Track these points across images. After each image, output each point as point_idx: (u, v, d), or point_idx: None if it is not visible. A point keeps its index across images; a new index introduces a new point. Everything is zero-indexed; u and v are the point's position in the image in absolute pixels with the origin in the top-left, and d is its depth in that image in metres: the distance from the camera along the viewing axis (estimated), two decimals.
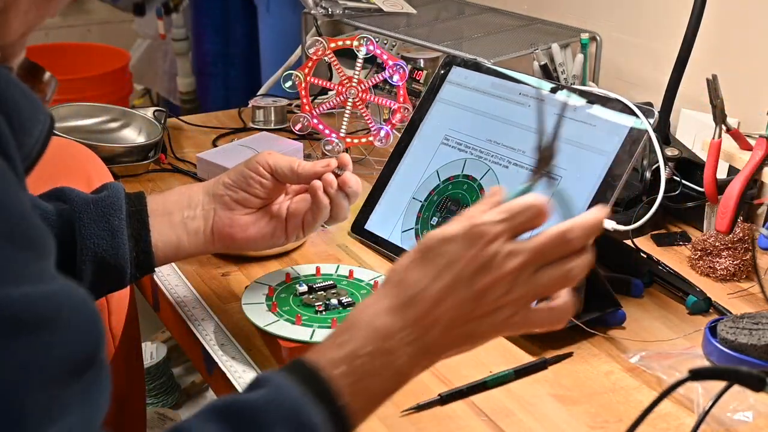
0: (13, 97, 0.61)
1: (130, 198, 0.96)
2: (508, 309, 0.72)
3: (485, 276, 0.71)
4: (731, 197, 1.16)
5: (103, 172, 1.15)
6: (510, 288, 0.71)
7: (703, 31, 1.32)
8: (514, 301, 0.72)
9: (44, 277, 0.56)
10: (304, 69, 1.52)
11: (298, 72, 1.52)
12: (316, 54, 1.50)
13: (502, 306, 0.72)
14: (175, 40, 2.81)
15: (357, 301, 1.03)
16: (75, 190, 0.95)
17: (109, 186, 0.97)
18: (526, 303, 0.73)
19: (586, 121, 1.12)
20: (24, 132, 0.62)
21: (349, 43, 1.50)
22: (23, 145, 0.62)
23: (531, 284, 0.72)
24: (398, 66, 1.48)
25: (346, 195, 1.00)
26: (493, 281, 0.71)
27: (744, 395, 0.91)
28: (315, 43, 1.51)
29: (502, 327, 0.73)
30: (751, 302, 1.15)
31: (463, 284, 0.71)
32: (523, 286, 0.71)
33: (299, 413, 0.65)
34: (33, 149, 0.63)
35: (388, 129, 1.51)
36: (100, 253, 0.91)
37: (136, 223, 0.95)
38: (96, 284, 0.93)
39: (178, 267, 1.18)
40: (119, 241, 0.92)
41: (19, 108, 0.62)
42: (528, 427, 0.90)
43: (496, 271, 0.71)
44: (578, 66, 1.60)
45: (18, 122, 0.61)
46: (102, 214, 0.92)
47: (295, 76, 1.52)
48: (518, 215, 0.72)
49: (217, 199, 0.98)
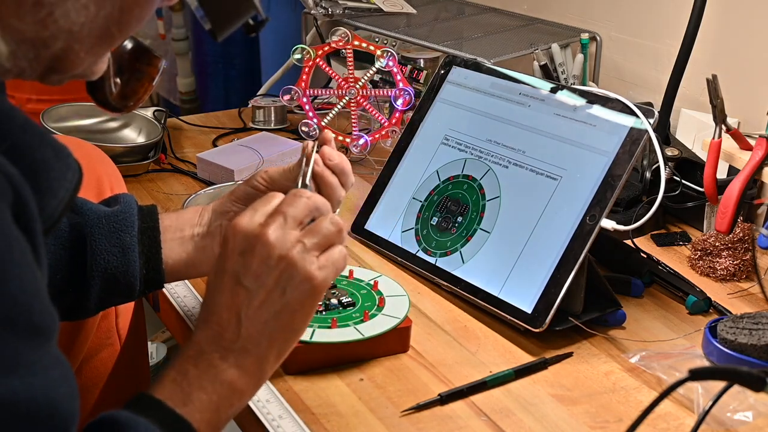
0: (43, 158, 0.63)
1: (142, 213, 0.96)
2: (288, 269, 0.75)
3: (249, 255, 0.75)
4: (731, 197, 1.17)
5: (114, 173, 1.15)
6: (274, 247, 0.75)
7: (703, 31, 1.32)
8: (288, 261, 0.75)
9: (33, 368, 0.58)
10: (318, 50, 1.53)
11: (310, 48, 1.54)
12: (336, 44, 1.52)
13: (282, 271, 0.75)
14: (175, 40, 2.81)
15: (357, 301, 1.03)
16: (87, 202, 0.95)
17: (121, 199, 0.96)
18: (300, 245, 0.76)
19: (586, 121, 1.12)
20: (50, 194, 0.64)
21: (373, 49, 1.52)
22: (46, 207, 0.63)
23: (288, 228, 0.76)
24: (406, 92, 1.50)
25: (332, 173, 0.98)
26: (256, 254, 0.75)
27: (744, 395, 0.91)
28: (341, 34, 1.52)
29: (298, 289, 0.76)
30: (751, 302, 1.16)
31: (236, 276, 0.75)
32: (284, 238, 0.75)
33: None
34: (56, 210, 0.65)
35: (368, 140, 1.53)
36: (111, 270, 0.91)
37: (148, 240, 0.95)
38: (104, 298, 0.93)
39: None
40: (130, 258, 0.92)
41: (48, 169, 0.63)
42: (528, 427, 0.90)
43: (255, 246, 0.75)
44: (578, 66, 1.60)
45: (45, 184, 0.63)
46: (114, 230, 0.92)
47: (306, 51, 1.53)
48: (256, 204, 0.78)
49: (224, 216, 0.98)
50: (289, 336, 0.77)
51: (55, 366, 0.60)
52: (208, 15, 0.73)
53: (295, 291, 0.75)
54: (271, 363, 0.77)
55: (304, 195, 0.78)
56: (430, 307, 1.11)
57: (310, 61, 1.55)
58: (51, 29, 0.63)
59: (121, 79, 0.86)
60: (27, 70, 0.65)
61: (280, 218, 0.76)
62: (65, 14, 0.63)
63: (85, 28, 0.64)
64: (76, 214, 0.93)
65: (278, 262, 0.75)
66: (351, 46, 1.53)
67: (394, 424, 0.89)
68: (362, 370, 0.97)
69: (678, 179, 1.32)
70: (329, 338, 0.96)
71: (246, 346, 0.75)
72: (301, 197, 0.78)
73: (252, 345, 0.75)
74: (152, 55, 0.88)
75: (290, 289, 0.75)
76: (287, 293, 0.75)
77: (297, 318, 0.76)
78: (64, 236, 0.91)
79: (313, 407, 0.91)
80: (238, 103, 1.89)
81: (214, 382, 0.74)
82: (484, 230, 1.14)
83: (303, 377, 0.95)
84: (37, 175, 0.61)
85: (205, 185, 1.45)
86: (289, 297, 0.75)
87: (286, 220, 0.76)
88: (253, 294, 0.75)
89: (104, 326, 1.06)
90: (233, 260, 0.76)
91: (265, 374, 0.77)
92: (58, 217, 0.65)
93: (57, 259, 0.91)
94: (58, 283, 0.90)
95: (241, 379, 0.75)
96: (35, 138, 0.62)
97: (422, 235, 1.20)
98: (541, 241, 1.08)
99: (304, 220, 0.77)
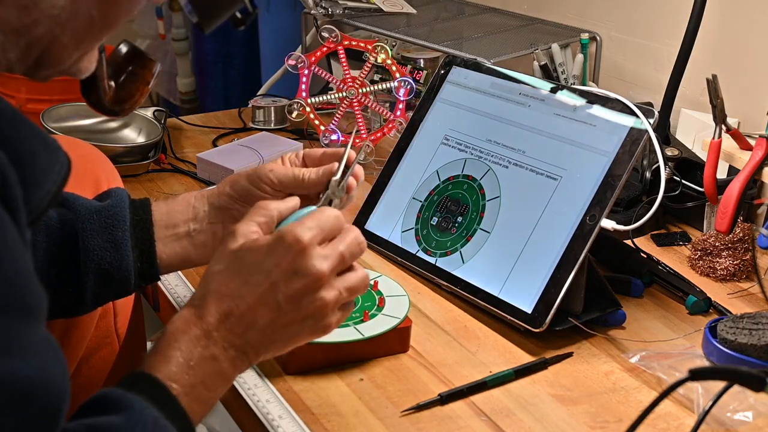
0: (30, 150, 0.63)
1: (134, 206, 0.96)
2: (321, 313, 0.78)
3: (300, 280, 0.76)
4: (731, 197, 1.16)
5: (113, 173, 1.14)
6: (323, 289, 0.77)
7: (703, 31, 1.32)
8: (326, 304, 0.77)
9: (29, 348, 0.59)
10: (310, 57, 1.54)
11: (304, 57, 1.54)
12: (328, 46, 1.52)
13: (320, 308, 0.77)
14: (175, 40, 2.81)
15: (357, 301, 1.03)
16: (78, 197, 0.95)
17: (113, 193, 0.96)
18: (338, 301, 0.78)
19: (586, 121, 1.12)
20: (36, 185, 0.64)
21: (363, 45, 1.52)
22: (32, 198, 0.63)
23: (339, 283, 0.78)
24: (406, 81, 1.50)
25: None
26: (307, 284, 0.76)
27: (744, 395, 0.91)
28: (330, 33, 1.52)
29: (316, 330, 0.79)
30: (751, 302, 1.16)
31: (279, 289, 0.76)
32: (333, 286, 0.78)
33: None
34: (42, 201, 0.65)
35: (340, 136, 1.54)
36: (104, 266, 0.91)
37: (141, 233, 0.94)
38: (100, 293, 0.93)
39: None
40: (123, 252, 0.92)
41: (35, 160, 0.63)
42: (528, 427, 0.90)
43: (310, 275, 0.76)
44: (578, 66, 1.60)
45: (32, 175, 0.63)
46: (105, 225, 0.92)
47: (300, 59, 1.54)
48: (325, 223, 0.79)
49: (225, 212, 0.97)
50: (275, 351, 0.80)
51: (47, 346, 0.61)
52: (195, 8, 0.73)
53: (311, 329, 0.79)
54: (253, 362, 0.79)
55: (362, 243, 0.81)
56: (430, 307, 1.11)
57: (305, 69, 1.54)
58: (33, 14, 0.64)
59: (116, 82, 0.87)
60: (15, 62, 0.66)
61: (339, 259, 0.78)
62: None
63: (66, 12, 0.65)
64: (67, 209, 0.93)
65: (317, 301, 0.77)
66: (342, 46, 1.53)
67: (394, 424, 0.89)
68: (362, 370, 0.97)
69: (678, 179, 1.32)
70: (329, 338, 0.95)
71: (245, 348, 0.77)
72: (360, 243, 0.81)
73: (251, 350, 0.77)
74: (147, 59, 0.88)
75: (310, 326, 0.78)
76: (304, 327, 0.78)
77: (293, 343, 0.80)
78: (55, 233, 0.91)
79: (313, 407, 0.91)
80: (238, 103, 1.89)
81: (213, 376, 0.75)
82: (484, 230, 1.14)
83: (303, 377, 0.95)
84: (24, 165, 0.62)
85: (205, 185, 1.45)
86: (303, 330, 0.78)
87: (342, 260, 0.79)
88: (281, 315, 0.77)
89: (103, 326, 1.06)
90: (282, 271, 0.76)
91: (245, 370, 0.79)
92: (44, 209, 0.66)
93: (49, 255, 0.90)
94: (52, 279, 0.90)
95: (233, 373, 0.78)
96: (23, 130, 0.63)
97: (422, 235, 1.20)
98: (541, 241, 1.08)
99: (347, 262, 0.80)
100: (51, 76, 0.70)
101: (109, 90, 0.86)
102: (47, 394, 0.59)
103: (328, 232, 0.79)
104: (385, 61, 1.51)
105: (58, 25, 0.66)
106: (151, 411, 0.69)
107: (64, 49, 0.68)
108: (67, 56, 0.69)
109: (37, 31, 0.65)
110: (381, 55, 1.50)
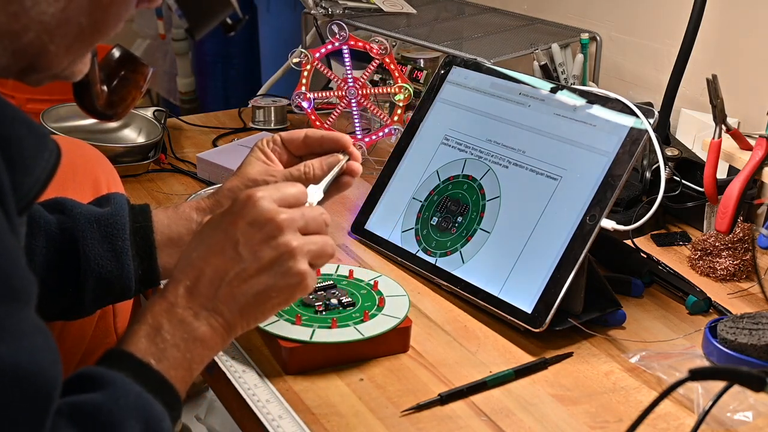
0: (17, 136, 0.63)
1: (134, 212, 0.96)
2: (286, 259, 0.78)
3: (258, 229, 0.77)
4: (731, 197, 1.16)
5: (112, 173, 1.14)
6: (283, 235, 0.78)
7: (703, 31, 1.32)
8: (289, 250, 0.78)
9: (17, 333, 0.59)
10: (314, 52, 1.54)
11: (307, 52, 1.54)
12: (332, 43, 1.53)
13: (283, 254, 0.77)
14: (175, 40, 2.81)
15: (357, 301, 1.03)
16: (77, 204, 0.94)
17: (112, 200, 0.96)
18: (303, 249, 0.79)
19: (586, 121, 1.12)
20: (24, 171, 0.64)
21: (361, 45, 1.52)
22: (21, 185, 0.63)
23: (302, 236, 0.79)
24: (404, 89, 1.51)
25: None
26: (266, 232, 0.77)
27: (744, 395, 0.91)
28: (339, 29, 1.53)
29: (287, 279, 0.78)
30: (751, 302, 1.16)
31: (239, 243, 0.77)
32: (295, 235, 0.79)
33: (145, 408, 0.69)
34: (32, 189, 0.65)
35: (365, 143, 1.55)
36: (104, 274, 0.91)
37: (141, 241, 0.94)
38: (99, 299, 0.93)
39: None
40: (123, 261, 0.92)
41: (22, 146, 0.63)
42: (528, 427, 0.90)
43: (266, 221, 0.77)
44: (578, 66, 1.60)
45: (20, 161, 0.63)
46: (105, 234, 0.92)
47: (304, 55, 1.54)
48: (283, 187, 0.81)
49: None
50: (258, 316, 0.80)
51: (37, 332, 0.61)
52: (185, 14, 0.74)
53: (283, 280, 0.78)
54: (236, 331, 0.79)
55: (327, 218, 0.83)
56: (430, 307, 1.11)
57: (308, 64, 1.55)
58: (23, 21, 0.64)
59: (108, 86, 0.87)
60: (5, 67, 0.66)
61: (298, 214, 0.79)
62: (36, 4, 0.64)
63: (56, 19, 0.66)
64: (66, 217, 0.93)
65: (281, 246, 0.78)
66: (348, 45, 1.53)
67: (394, 424, 0.89)
68: (362, 370, 0.97)
69: (678, 179, 1.32)
70: (329, 338, 0.96)
71: (219, 308, 0.77)
72: (323, 213, 0.82)
73: (225, 308, 0.77)
74: (139, 63, 0.89)
75: (280, 276, 0.78)
76: (275, 278, 0.78)
77: (271, 304, 0.79)
78: (55, 239, 0.91)
79: (313, 407, 0.91)
80: (238, 103, 1.89)
81: (188, 340, 0.76)
82: (484, 230, 1.14)
83: (303, 377, 0.95)
84: (10, 150, 0.62)
85: (205, 185, 1.45)
86: (275, 282, 0.78)
87: (303, 220, 0.79)
88: (245, 265, 0.77)
89: (102, 326, 1.06)
90: (238, 226, 0.78)
91: (230, 338, 0.79)
92: (33, 197, 0.66)
93: (48, 262, 0.90)
94: (51, 285, 0.90)
95: (212, 338, 0.77)
96: (8, 116, 0.63)
97: (422, 235, 1.20)
98: (541, 241, 1.08)
99: (311, 231, 0.81)
100: (43, 81, 0.71)
101: (102, 94, 0.86)
102: (37, 380, 0.59)
103: (287, 195, 0.80)
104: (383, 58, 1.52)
105: (47, 32, 0.66)
106: (133, 386, 0.69)
107: (54, 56, 0.68)
108: (57, 62, 0.69)
109: (26, 38, 0.65)
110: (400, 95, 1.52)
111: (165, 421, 0.70)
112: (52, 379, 0.61)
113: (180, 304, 0.76)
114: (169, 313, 0.76)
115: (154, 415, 0.69)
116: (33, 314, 0.62)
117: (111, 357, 0.73)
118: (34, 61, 0.67)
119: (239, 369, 0.96)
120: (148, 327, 0.75)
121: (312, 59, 1.55)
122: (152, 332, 0.75)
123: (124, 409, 0.67)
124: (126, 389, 0.69)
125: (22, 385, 0.58)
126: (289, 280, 0.78)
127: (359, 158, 1.00)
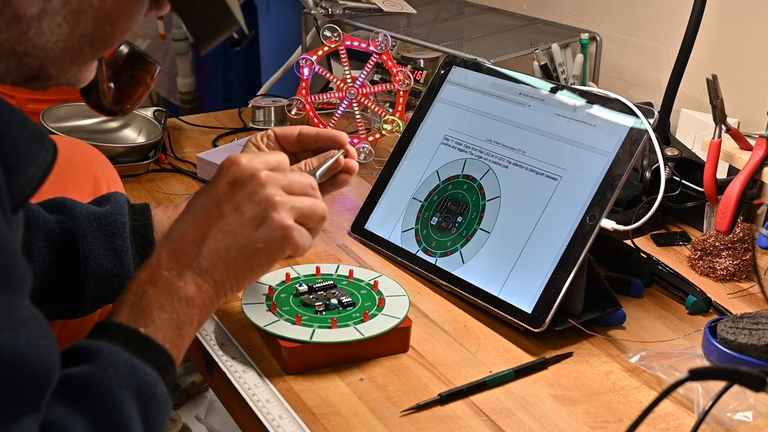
0: (13, 134, 0.63)
1: (134, 211, 0.96)
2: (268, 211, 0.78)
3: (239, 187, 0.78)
4: (731, 197, 1.17)
5: (111, 172, 1.14)
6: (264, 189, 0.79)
7: (703, 31, 1.32)
8: (272, 203, 0.78)
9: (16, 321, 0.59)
10: (312, 56, 1.54)
11: (306, 55, 1.55)
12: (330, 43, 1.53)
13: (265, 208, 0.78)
14: (175, 40, 2.81)
15: (357, 301, 1.03)
16: (77, 204, 0.94)
17: (112, 199, 0.96)
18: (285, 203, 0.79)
19: (586, 121, 1.12)
20: (20, 170, 0.64)
21: (357, 44, 1.52)
22: (16, 183, 0.63)
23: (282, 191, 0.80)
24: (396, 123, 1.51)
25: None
26: (247, 190, 0.78)
27: (744, 395, 0.91)
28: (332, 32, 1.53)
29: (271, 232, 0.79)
30: (751, 302, 1.16)
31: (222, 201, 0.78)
32: (277, 190, 0.79)
33: (136, 374, 0.68)
34: (26, 187, 0.65)
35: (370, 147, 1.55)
36: (105, 273, 0.91)
37: (141, 239, 0.95)
38: (99, 298, 0.93)
39: None
40: (124, 261, 0.92)
41: (18, 145, 0.64)
42: (528, 427, 0.90)
43: (247, 178, 0.79)
44: (578, 66, 1.60)
45: (16, 160, 0.63)
46: (105, 233, 0.92)
47: (299, 102, 1.56)
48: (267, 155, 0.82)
49: None
50: (246, 273, 0.79)
51: (34, 319, 0.61)
52: (191, 30, 0.74)
53: (267, 232, 0.78)
54: (226, 291, 0.79)
55: (313, 182, 0.83)
56: (430, 307, 1.11)
57: (305, 67, 1.55)
58: (25, 45, 0.65)
59: (115, 83, 0.87)
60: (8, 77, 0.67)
61: (281, 174, 0.80)
62: (40, 32, 0.65)
63: (59, 46, 0.66)
64: (65, 216, 0.93)
65: (263, 199, 0.78)
66: (344, 46, 1.53)
67: (394, 424, 0.89)
68: (362, 370, 0.97)
69: (678, 179, 1.32)
70: (329, 338, 0.96)
71: (204, 265, 0.77)
72: (308, 177, 0.83)
73: (210, 265, 0.77)
74: (147, 61, 0.89)
75: (264, 228, 0.78)
76: (259, 231, 0.78)
77: (258, 257, 0.79)
78: (54, 238, 0.91)
79: (313, 407, 0.91)
80: (238, 103, 1.89)
81: (173, 300, 0.75)
82: (484, 230, 1.14)
83: (303, 377, 0.95)
84: (6, 148, 0.62)
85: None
86: (260, 235, 0.78)
87: (286, 180, 0.80)
88: (227, 220, 0.78)
89: None
90: (219, 187, 0.79)
91: (220, 298, 0.79)
92: (28, 195, 0.66)
93: (48, 261, 0.90)
94: (51, 285, 0.90)
95: (199, 297, 0.76)
96: (4, 114, 0.63)
97: (422, 235, 1.20)
98: (541, 241, 1.08)
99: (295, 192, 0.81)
100: (48, 87, 0.71)
101: (109, 92, 0.86)
102: (34, 367, 0.59)
103: (269, 159, 0.81)
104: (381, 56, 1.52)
105: (48, 57, 0.67)
106: (122, 354, 0.69)
107: (58, 71, 0.69)
108: (62, 74, 0.70)
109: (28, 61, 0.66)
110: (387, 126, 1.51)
111: (158, 385, 0.70)
112: (51, 364, 0.61)
113: (163, 266, 0.76)
114: (152, 278, 0.75)
115: (146, 380, 0.69)
116: (28, 303, 0.62)
117: (98, 329, 0.72)
118: (38, 74, 0.68)
119: (239, 369, 0.96)
120: (133, 296, 0.75)
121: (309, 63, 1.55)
122: (137, 300, 0.74)
123: (114, 378, 0.66)
124: (114, 358, 0.68)
125: (21, 373, 0.58)
126: (273, 233, 0.79)
127: (356, 155, 1.00)
